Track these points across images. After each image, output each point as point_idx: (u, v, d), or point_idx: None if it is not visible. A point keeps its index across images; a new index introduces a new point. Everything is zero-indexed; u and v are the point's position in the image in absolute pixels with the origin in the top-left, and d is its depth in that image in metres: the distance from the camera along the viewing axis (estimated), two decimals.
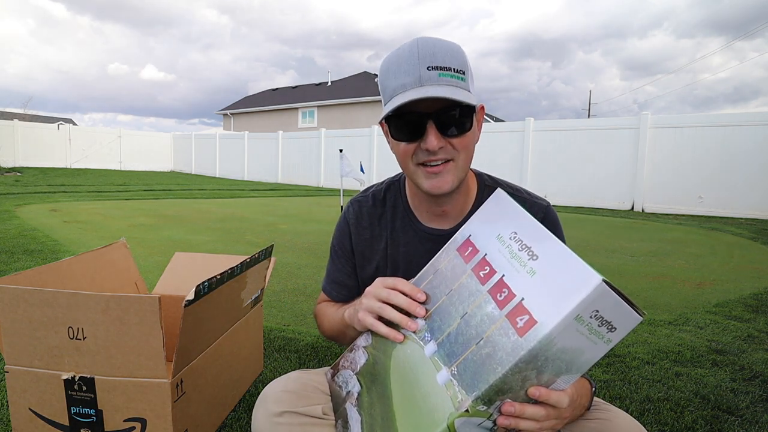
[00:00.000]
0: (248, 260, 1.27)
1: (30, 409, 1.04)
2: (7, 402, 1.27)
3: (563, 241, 0.99)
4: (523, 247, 0.72)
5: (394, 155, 0.91)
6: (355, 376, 0.83)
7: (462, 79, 0.82)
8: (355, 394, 0.81)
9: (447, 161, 0.85)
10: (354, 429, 0.78)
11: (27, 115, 27.22)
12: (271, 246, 1.47)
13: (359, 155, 13.22)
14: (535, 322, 0.62)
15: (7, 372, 1.04)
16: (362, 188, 1.12)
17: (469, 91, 0.83)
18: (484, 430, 0.65)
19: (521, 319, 0.64)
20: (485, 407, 0.63)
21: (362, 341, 0.85)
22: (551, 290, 0.64)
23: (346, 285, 1.05)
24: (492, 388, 0.62)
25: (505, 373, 0.62)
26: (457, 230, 0.90)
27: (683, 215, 8.63)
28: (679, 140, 9.02)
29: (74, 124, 27.51)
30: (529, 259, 0.70)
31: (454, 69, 0.81)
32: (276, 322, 2.29)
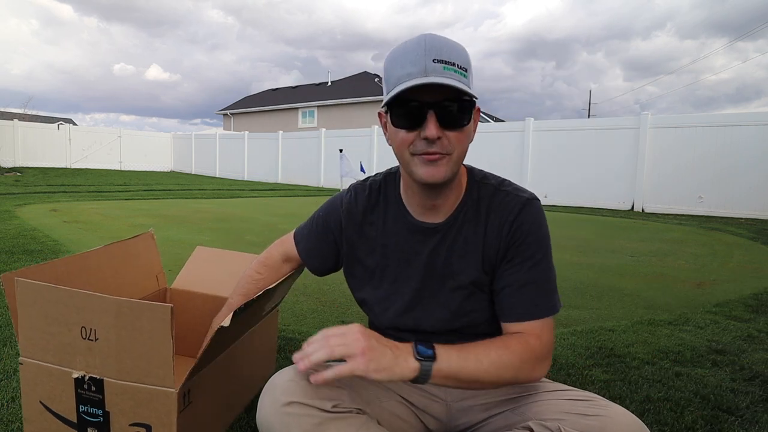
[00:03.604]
0: (283, 279, 1.21)
1: (40, 401, 1.06)
2: (19, 393, 1.33)
3: (545, 241, 0.95)
4: None
5: (391, 146, 0.92)
6: None
7: (464, 75, 0.84)
8: None
9: (443, 156, 0.85)
10: None
11: (27, 115, 27.20)
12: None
13: (359, 155, 13.21)
14: None
15: (22, 363, 1.06)
16: None
17: (469, 88, 0.84)
18: None
19: None
20: None
21: None
22: None
23: (311, 253, 1.13)
24: None
25: None
26: (447, 224, 0.92)
27: (683, 215, 8.63)
28: (679, 140, 9.02)
29: (74, 124, 27.48)
30: None
31: (457, 65, 0.83)
32: None
